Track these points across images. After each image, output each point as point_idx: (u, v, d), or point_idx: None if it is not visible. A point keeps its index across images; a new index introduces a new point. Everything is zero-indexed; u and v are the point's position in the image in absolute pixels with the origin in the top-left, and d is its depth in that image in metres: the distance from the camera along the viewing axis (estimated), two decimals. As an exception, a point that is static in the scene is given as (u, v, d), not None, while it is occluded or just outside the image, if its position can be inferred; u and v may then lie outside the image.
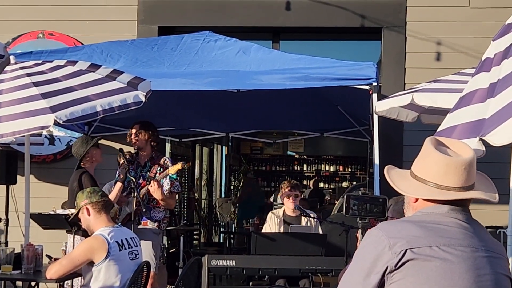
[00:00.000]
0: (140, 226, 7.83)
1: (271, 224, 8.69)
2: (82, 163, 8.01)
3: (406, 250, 2.68)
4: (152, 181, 7.80)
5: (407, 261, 2.68)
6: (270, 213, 8.93)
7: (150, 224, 8.01)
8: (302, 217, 8.73)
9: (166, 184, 7.97)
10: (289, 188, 8.69)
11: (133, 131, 8.12)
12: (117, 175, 8.07)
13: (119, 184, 7.89)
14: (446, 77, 7.44)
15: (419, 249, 2.68)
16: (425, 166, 2.86)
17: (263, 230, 8.76)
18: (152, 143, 8.17)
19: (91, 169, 8.03)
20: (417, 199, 2.89)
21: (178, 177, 8.17)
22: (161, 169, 8.03)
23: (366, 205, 4.65)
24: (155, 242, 7.99)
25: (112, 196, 7.55)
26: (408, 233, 2.72)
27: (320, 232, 8.60)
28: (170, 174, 7.85)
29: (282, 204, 9.05)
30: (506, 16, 4.89)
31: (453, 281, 2.68)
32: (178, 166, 7.89)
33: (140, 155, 8.20)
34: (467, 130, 4.22)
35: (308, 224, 8.68)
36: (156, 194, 7.81)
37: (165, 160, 8.15)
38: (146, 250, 7.60)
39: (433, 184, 2.82)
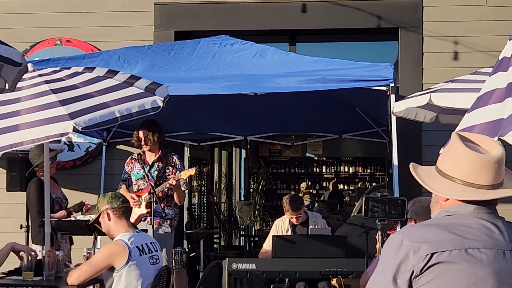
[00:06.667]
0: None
1: (277, 233, 8.67)
2: (37, 173, 8.15)
3: (431, 254, 2.64)
4: (172, 178, 7.98)
5: (432, 265, 2.64)
6: (276, 221, 8.94)
7: (162, 223, 8.13)
8: (310, 225, 8.73)
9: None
10: (289, 212, 8.67)
11: (142, 135, 8.21)
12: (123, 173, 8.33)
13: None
14: (464, 76, 7.41)
15: (444, 253, 2.64)
16: (457, 165, 2.79)
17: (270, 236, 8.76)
18: (160, 142, 8.29)
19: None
20: (447, 198, 2.83)
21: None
22: (170, 168, 8.19)
23: (385, 206, 4.63)
24: (168, 246, 8.10)
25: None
26: (432, 237, 2.68)
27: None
28: (181, 179, 8.00)
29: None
30: (523, 14, 4.88)
31: (477, 285, 2.65)
32: (191, 172, 8.02)
33: (148, 155, 8.30)
34: (485, 130, 4.19)
35: (316, 226, 8.69)
36: (177, 188, 8.07)
37: (174, 159, 8.27)
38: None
39: (466, 182, 2.76)
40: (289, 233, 8.65)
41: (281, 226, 8.76)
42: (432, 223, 2.82)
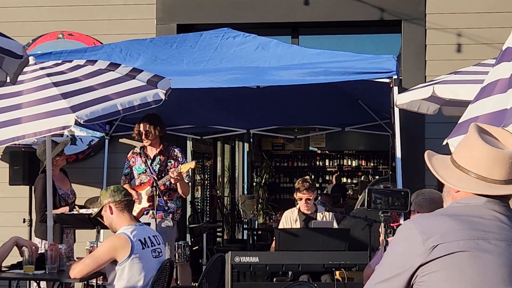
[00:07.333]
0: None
1: (286, 225, 8.68)
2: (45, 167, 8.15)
3: (439, 245, 2.62)
4: (171, 172, 8.00)
5: (441, 256, 2.62)
6: (285, 213, 8.94)
7: (164, 217, 8.13)
8: (318, 213, 8.73)
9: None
10: (300, 190, 8.68)
11: (143, 129, 8.20)
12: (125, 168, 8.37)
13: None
14: (467, 68, 7.39)
15: (453, 243, 2.63)
16: (471, 157, 2.76)
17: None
18: (161, 137, 8.29)
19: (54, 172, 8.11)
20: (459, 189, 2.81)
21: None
22: (172, 161, 8.20)
23: (388, 198, 4.62)
24: (170, 239, 8.09)
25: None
26: (443, 228, 2.66)
27: (335, 225, 8.61)
28: (182, 172, 7.99)
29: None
30: (526, 6, 4.85)
31: (486, 276, 2.62)
32: (191, 165, 8.04)
33: (149, 148, 8.31)
34: (489, 121, 4.17)
35: (324, 219, 8.68)
36: (180, 181, 8.06)
37: (175, 152, 8.27)
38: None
39: (478, 176, 2.73)
40: (298, 223, 8.65)
41: (290, 216, 8.77)
42: (443, 213, 2.79)
